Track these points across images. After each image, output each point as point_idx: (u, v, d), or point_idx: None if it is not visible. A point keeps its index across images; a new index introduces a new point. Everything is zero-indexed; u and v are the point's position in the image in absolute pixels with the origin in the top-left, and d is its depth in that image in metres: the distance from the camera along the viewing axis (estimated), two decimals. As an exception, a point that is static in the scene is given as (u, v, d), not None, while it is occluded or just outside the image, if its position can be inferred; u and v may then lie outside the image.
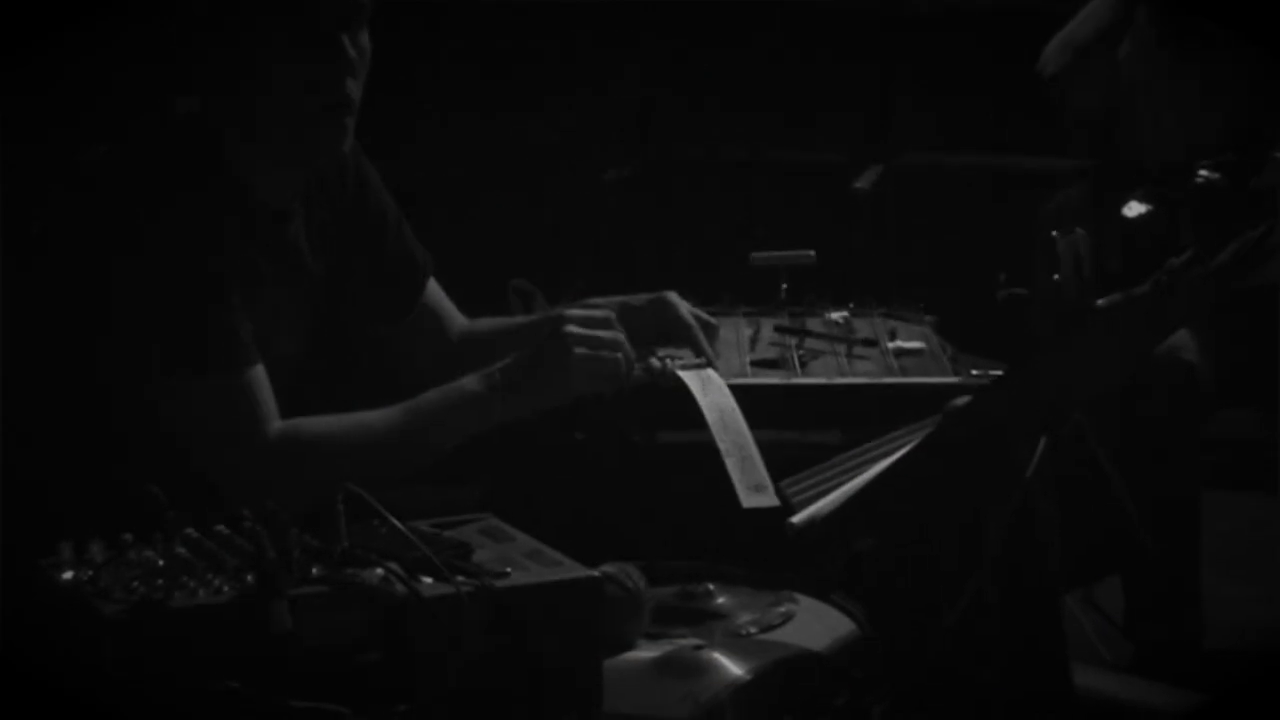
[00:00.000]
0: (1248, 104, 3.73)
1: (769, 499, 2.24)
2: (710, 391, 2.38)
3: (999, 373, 2.52)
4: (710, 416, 2.32)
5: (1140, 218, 3.75)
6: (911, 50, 5.21)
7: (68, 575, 1.79)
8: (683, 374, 2.40)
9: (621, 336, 2.34)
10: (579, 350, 2.30)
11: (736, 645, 2.09)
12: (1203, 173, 3.69)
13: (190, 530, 1.84)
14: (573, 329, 2.31)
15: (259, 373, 2.28)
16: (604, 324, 2.34)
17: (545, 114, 5.10)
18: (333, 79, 2.29)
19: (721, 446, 2.29)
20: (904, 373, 2.60)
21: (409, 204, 2.63)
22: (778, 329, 2.78)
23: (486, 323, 2.68)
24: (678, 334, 2.52)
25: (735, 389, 2.41)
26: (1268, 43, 3.52)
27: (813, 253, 2.91)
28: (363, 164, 2.55)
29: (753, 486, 2.26)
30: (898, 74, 5.28)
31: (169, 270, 2.22)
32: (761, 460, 2.28)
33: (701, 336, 2.51)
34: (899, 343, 2.72)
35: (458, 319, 2.67)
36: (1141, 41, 3.81)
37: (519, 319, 2.69)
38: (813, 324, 2.80)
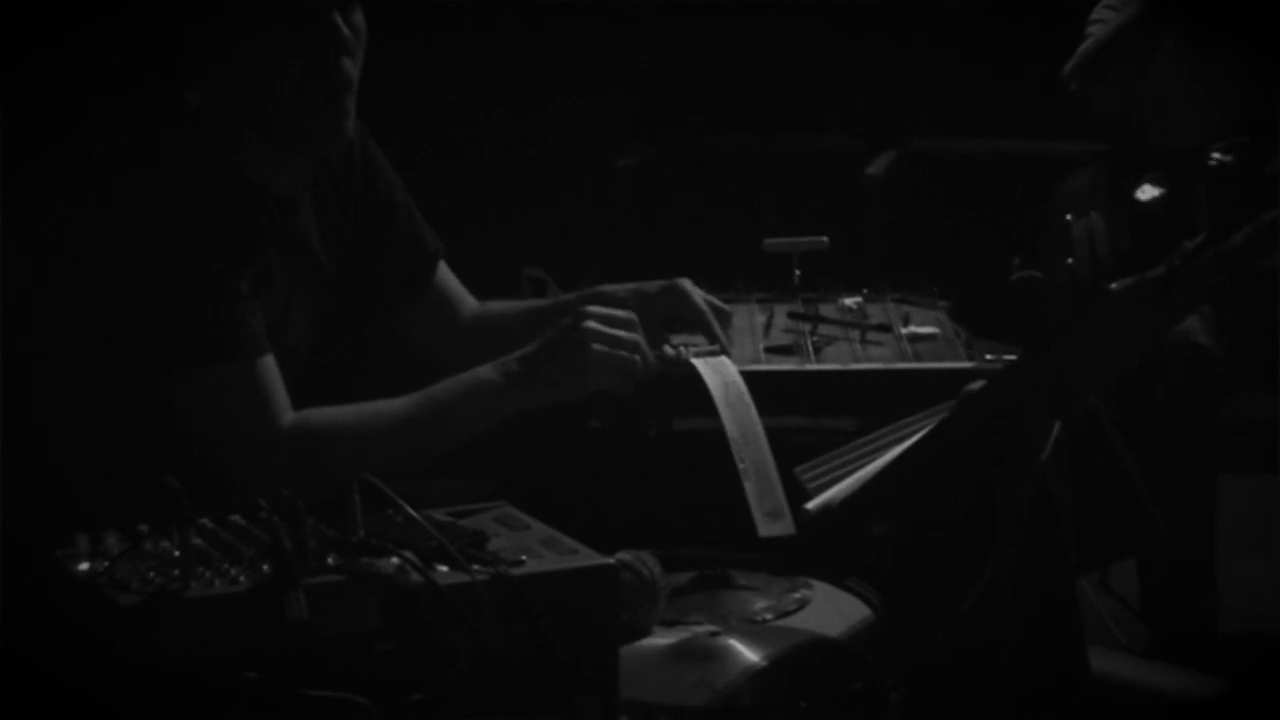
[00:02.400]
0: (1260, 99, 3.72)
1: (786, 527, 2.23)
2: (726, 381, 2.37)
3: (1013, 357, 2.52)
4: (731, 432, 2.31)
5: (1153, 201, 3.74)
6: (921, 36, 5.21)
7: (84, 566, 1.79)
8: (696, 362, 2.40)
9: (640, 338, 2.34)
10: (597, 347, 2.29)
11: (752, 631, 2.10)
12: (1215, 155, 3.69)
13: (206, 521, 1.85)
14: (593, 325, 2.31)
15: (269, 363, 2.28)
16: (625, 324, 2.34)
17: (555, 107, 5.10)
18: (330, 60, 2.28)
19: (741, 466, 2.28)
20: (918, 358, 2.60)
21: (420, 198, 2.63)
22: (791, 315, 2.77)
23: (499, 306, 2.68)
24: (691, 320, 2.52)
25: (749, 375, 2.40)
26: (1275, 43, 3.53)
27: (825, 238, 2.90)
28: (370, 148, 2.55)
29: (770, 513, 2.25)
30: (907, 60, 5.27)
31: (177, 262, 2.22)
32: (780, 482, 2.27)
33: (715, 323, 2.50)
34: (912, 328, 2.71)
35: (469, 302, 2.67)
36: (1170, 57, 3.80)
37: (532, 302, 2.69)
38: (826, 310, 2.79)
